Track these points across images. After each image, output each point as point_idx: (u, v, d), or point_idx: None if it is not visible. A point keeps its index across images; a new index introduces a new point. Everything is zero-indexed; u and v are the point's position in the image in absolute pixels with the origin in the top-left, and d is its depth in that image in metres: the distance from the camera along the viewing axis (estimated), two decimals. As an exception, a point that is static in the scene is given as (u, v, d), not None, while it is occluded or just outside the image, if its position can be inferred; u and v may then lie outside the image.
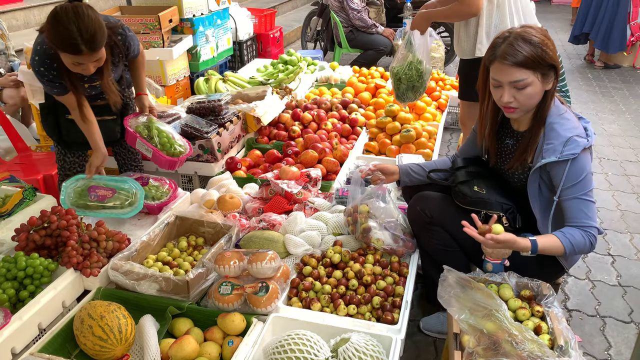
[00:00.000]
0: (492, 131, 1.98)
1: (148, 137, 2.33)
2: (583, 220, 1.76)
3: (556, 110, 1.80)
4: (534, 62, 1.69)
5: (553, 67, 1.73)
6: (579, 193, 1.75)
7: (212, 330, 1.80)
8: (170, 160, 2.35)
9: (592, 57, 6.80)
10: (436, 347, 2.16)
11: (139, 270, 1.93)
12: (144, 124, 2.35)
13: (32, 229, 2.00)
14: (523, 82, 1.71)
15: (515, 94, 1.74)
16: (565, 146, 1.72)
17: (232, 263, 1.91)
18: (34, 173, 2.86)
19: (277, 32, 5.91)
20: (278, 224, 2.33)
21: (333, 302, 1.92)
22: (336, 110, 3.75)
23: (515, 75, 1.71)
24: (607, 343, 2.21)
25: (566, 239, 1.73)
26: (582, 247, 1.74)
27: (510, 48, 1.70)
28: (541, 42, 1.70)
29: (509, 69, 1.70)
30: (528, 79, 1.70)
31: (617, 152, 4.14)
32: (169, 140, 2.35)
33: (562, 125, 1.76)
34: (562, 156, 1.72)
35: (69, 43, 1.97)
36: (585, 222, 1.75)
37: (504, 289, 1.78)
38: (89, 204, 2.29)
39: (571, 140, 1.72)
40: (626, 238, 2.97)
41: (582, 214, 1.76)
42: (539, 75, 1.71)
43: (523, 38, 1.70)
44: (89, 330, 1.68)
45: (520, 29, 1.75)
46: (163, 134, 2.36)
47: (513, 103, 1.76)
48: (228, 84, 4.06)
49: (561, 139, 1.74)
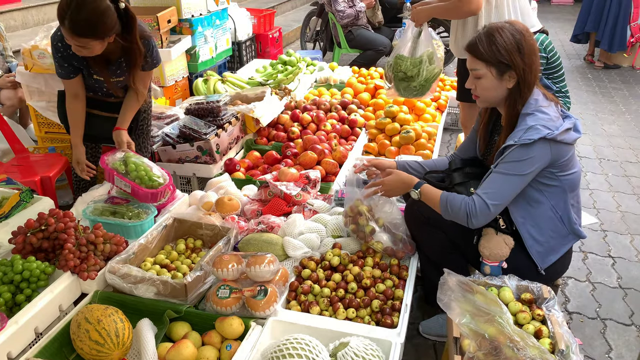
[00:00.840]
0: (485, 125, 2.03)
1: (125, 172, 2.31)
2: (480, 189, 1.79)
3: (535, 104, 1.79)
4: (485, 56, 1.78)
5: (507, 66, 1.76)
6: (504, 169, 1.76)
7: (210, 334, 1.79)
8: (149, 193, 2.29)
9: (591, 57, 6.79)
10: (436, 350, 2.15)
11: (136, 273, 1.92)
12: (121, 160, 2.35)
13: (29, 231, 1.99)
14: (476, 72, 1.83)
15: (475, 83, 1.86)
16: (525, 133, 1.73)
17: (230, 266, 1.89)
18: (31, 175, 2.84)
19: (277, 32, 5.89)
20: (277, 226, 2.32)
21: (332, 306, 1.91)
22: (335, 111, 3.73)
23: (471, 64, 1.85)
24: (607, 346, 2.20)
25: (447, 196, 1.83)
26: (456, 211, 1.80)
27: (474, 39, 1.83)
28: (502, 42, 1.76)
29: (469, 57, 1.86)
30: (480, 70, 1.81)
31: (617, 152, 4.13)
32: (147, 173, 2.33)
33: (533, 116, 1.75)
34: (519, 140, 1.72)
35: (59, 10, 2.10)
36: (480, 191, 1.78)
37: (504, 292, 1.76)
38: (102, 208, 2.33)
39: (533, 128, 1.72)
40: (627, 239, 2.96)
41: (485, 185, 1.79)
42: (492, 70, 1.79)
43: (489, 34, 1.79)
44: (86, 334, 1.67)
45: (498, 25, 1.81)
46: (140, 168, 2.33)
47: (474, 90, 1.88)
48: (227, 85, 4.04)
49: (525, 127, 1.74)
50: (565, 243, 1.89)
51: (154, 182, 2.32)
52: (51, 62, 2.87)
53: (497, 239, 1.88)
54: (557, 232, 1.87)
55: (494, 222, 1.90)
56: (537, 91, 1.81)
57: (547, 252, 1.86)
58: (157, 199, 2.33)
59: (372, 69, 4.70)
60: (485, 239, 1.90)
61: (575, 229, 1.89)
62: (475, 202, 1.77)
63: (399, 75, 2.84)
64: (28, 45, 2.93)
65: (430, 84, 2.87)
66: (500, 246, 1.87)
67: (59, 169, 2.97)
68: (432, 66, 2.81)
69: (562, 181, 1.82)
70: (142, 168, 2.34)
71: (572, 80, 6.05)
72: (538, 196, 1.83)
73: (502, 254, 1.85)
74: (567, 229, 1.88)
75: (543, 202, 1.83)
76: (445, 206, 1.83)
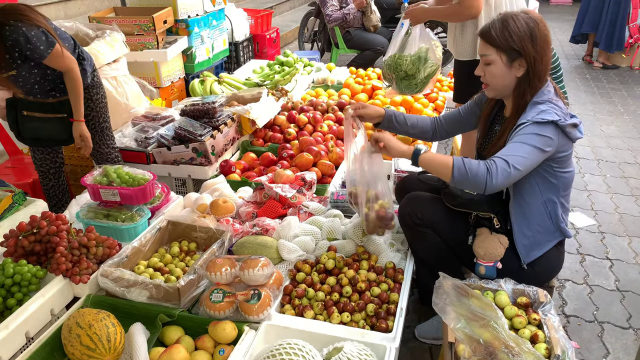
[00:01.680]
0: (486, 116, 2.02)
1: (108, 182, 2.29)
2: (499, 153, 1.69)
3: (547, 95, 1.78)
4: (496, 39, 1.77)
5: (518, 53, 1.75)
6: (523, 139, 1.70)
7: (203, 338, 1.77)
8: (138, 191, 2.26)
9: (590, 58, 6.78)
10: (432, 353, 2.13)
11: (129, 277, 1.90)
12: (100, 174, 2.32)
13: (21, 234, 1.97)
14: (486, 58, 1.82)
15: (484, 70, 1.85)
16: (538, 114, 1.72)
17: (223, 270, 1.87)
18: (25, 176, 2.83)
19: (274, 33, 5.87)
20: (272, 228, 2.30)
21: (326, 310, 1.89)
22: (332, 112, 3.71)
23: (482, 49, 1.84)
24: (605, 349, 2.18)
25: (461, 158, 1.70)
26: (474, 170, 1.66)
27: (488, 25, 1.81)
28: (514, 28, 1.75)
29: (481, 43, 1.85)
30: (490, 55, 1.80)
31: (615, 153, 4.11)
32: (129, 175, 2.31)
33: (546, 104, 1.75)
34: (533, 119, 1.71)
35: None
36: (500, 154, 1.69)
37: (500, 296, 1.75)
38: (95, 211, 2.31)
39: (546, 112, 1.72)
40: (625, 241, 2.95)
41: (504, 151, 1.71)
42: (503, 56, 1.78)
43: (503, 20, 1.78)
44: (77, 339, 1.65)
45: (513, 12, 1.81)
46: (122, 173, 2.31)
47: (483, 78, 1.87)
48: (223, 86, 4.03)
49: (538, 110, 1.73)
50: (550, 240, 1.89)
51: (139, 180, 2.29)
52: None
53: (492, 239, 1.87)
54: (544, 227, 1.87)
55: (489, 221, 1.89)
56: (550, 84, 1.82)
57: (532, 247, 1.87)
58: (147, 197, 2.30)
59: (369, 69, 4.68)
60: (480, 239, 1.89)
61: (562, 227, 1.90)
62: (496, 161, 1.67)
63: (400, 74, 2.84)
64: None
65: (429, 79, 2.88)
66: (495, 246, 1.85)
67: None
68: (430, 62, 2.81)
69: (558, 178, 1.82)
70: (124, 173, 2.32)
71: (571, 80, 6.03)
72: (533, 189, 1.83)
73: (497, 254, 1.84)
74: (554, 226, 1.88)
75: (537, 196, 1.84)
76: (459, 168, 1.68)
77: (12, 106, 2.50)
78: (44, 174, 2.72)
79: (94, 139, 2.64)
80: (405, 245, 2.22)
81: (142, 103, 3.46)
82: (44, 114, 2.51)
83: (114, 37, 3.32)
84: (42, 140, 2.59)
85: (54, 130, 2.54)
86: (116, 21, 3.76)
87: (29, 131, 2.53)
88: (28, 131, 2.53)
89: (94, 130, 2.67)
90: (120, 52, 3.36)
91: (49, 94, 2.49)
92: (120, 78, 3.32)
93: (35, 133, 2.53)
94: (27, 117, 2.50)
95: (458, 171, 1.69)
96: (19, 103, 2.48)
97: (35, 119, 2.51)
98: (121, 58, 3.39)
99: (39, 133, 2.54)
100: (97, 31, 3.38)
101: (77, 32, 3.32)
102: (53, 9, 5.32)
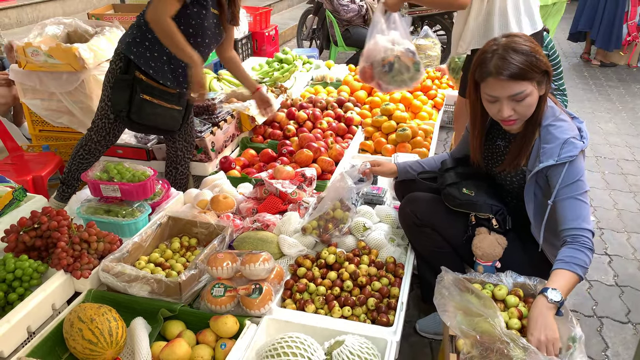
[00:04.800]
0: (480, 133, 1.93)
1: (109, 178, 2.28)
2: (577, 222, 1.67)
3: (551, 112, 1.76)
4: (530, 72, 1.64)
5: (546, 72, 1.68)
6: (574, 193, 1.70)
7: (204, 332, 1.77)
8: (139, 186, 2.25)
9: (588, 56, 6.79)
10: (432, 348, 2.14)
11: (130, 272, 1.90)
12: (101, 170, 2.31)
13: (22, 230, 1.97)
14: (522, 94, 1.66)
15: (514, 107, 1.69)
16: (562, 149, 1.68)
17: (224, 264, 1.88)
18: (25, 173, 2.82)
19: (273, 30, 5.87)
20: (272, 224, 2.31)
21: (327, 304, 1.90)
22: (332, 109, 3.72)
23: (514, 89, 1.65)
24: (604, 344, 2.19)
25: (571, 265, 1.60)
26: (587, 261, 1.62)
27: (504, 62, 1.64)
28: (532, 50, 1.66)
29: (506, 84, 1.65)
30: (526, 90, 1.65)
31: (613, 150, 4.13)
32: (130, 171, 2.30)
33: (558, 128, 1.72)
34: (560, 159, 1.68)
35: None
36: (580, 224, 1.67)
37: (501, 290, 1.75)
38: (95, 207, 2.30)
39: (568, 142, 1.69)
40: (623, 237, 2.96)
41: (575, 215, 1.68)
42: (535, 84, 1.67)
43: (513, 49, 1.64)
44: (79, 333, 1.65)
45: (506, 39, 1.70)
46: (122, 168, 2.30)
47: (513, 116, 1.71)
48: (222, 83, 4.02)
49: (558, 142, 1.70)
50: None
51: (139, 176, 2.29)
52: (44, 60, 2.85)
53: (490, 239, 1.87)
54: None
55: (487, 221, 1.88)
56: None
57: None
58: (148, 192, 2.30)
59: (368, 67, 4.68)
60: (478, 239, 1.88)
61: None
62: (585, 242, 1.64)
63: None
64: (21, 42, 2.90)
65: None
66: (493, 246, 1.85)
67: (52, 167, 2.96)
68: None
69: None
70: (125, 169, 2.31)
71: (569, 78, 6.05)
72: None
73: (495, 254, 1.84)
74: None
75: None
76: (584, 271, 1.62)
77: (127, 86, 2.35)
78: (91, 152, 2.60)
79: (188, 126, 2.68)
80: (406, 240, 2.22)
81: (141, 100, 3.45)
82: (164, 103, 2.43)
83: (113, 32, 3.31)
84: (157, 129, 2.57)
85: (172, 121, 2.51)
86: (116, 18, 3.76)
87: (148, 117, 2.42)
88: (144, 115, 2.41)
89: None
90: (120, 49, 3.35)
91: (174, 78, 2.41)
92: (120, 75, 3.32)
93: (155, 120, 2.45)
94: (148, 102, 2.39)
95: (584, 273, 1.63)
96: (137, 86, 2.35)
97: (156, 106, 2.42)
98: (120, 55, 3.38)
99: (158, 121, 2.47)
100: (97, 27, 3.37)
101: (76, 29, 3.31)
102: (51, 7, 5.32)
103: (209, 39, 2.41)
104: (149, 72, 2.35)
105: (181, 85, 2.46)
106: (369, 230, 2.20)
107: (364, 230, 2.19)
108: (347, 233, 2.22)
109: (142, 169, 2.34)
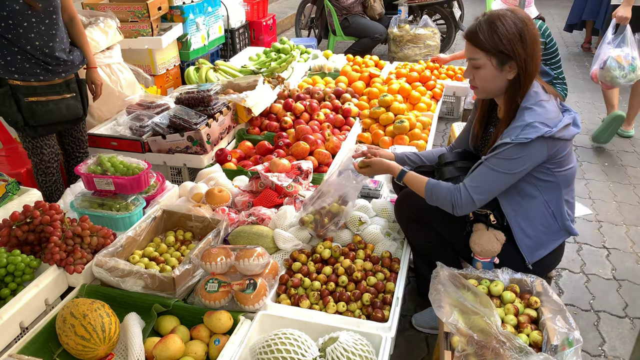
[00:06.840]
0: (481, 118, 1.99)
1: (102, 171, 2.25)
2: (468, 180, 1.77)
3: (535, 97, 1.73)
4: (486, 46, 1.70)
5: (508, 57, 1.69)
6: (493, 164, 1.72)
7: (198, 328, 1.76)
8: (133, 180, 2.23)
9: (589, 45, 6.73)
10: (428, 343, 2.13)
11: (123, 266, 1.89)
12: (94, 164, 2.28)
13: (15, 224, 1.95)
14: (476, 62, 1.75)
15: (473, 73, 1.79)
16: (523, 130, 1.67)
17: (219, 260, 1.86)
18: (19, 165, 2.80)
19: (270, 19, 5.81)
20: (267, 218, 2.29)
21: (322, 299, 1.88)
22: (329, 100, 3.68)
23: (470, 53, 1.77)
24: (601, 338, 2.19)
25: (432, 185, 1.84)
26: (442, 200, 1.80)
27: (474, 28, 1.74)
28: (503, 31, 1.68)
29: (468, 46, 1.77)
30: (480, 60, 1.73)
31: (613, 141, 4.09)
32: (124, 164, 2.28)
33: (532, 112, 1.70)
34: (516, 139, 1.67)
35: None
36: (468, 182, 1.76)
37: (497, 286, 1.74)
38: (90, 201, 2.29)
39: (531, 126, 1.66)
40: (622, 230, 2.94)
41: (473, 177, 1.77)
42: (493, 60, 1.71)
43: (490, 21, 1.70)
44: (72, 329, 1.64)
45: (500, 12, 1.73)
46: (116, 162, 2.28)
47: (472, 81, 1.81)
48: (219, 73, 3.99)
49: (523, 124, 1.68)
50: (555, 239, 1.86)
51: (133, 169, 2.27)
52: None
53: (488, 235, 1.85)
54: (548, 228, 1.83)
55: (485, 217, 1.87)
56: (536, 83, 1.75)
57: (536, 247, 1.83)
58: (142, 186, 2.28)
59: (367, 56, 4.64)
60: (477, 235, 1.87)
61: (567, 225, 1.85)
62: (462, 194, 1.76)
63: None
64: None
65: None
66: (491, 242, 1.84)
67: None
68: None
69: (557, 177, 1.78)
70: (118, 162, 2.29)
71: (569, 68, 5.99)
72: (531, 190, 1.79)
73: (494, 250, 1.82)
74: (559, 225, 1.84)
75: (536, 196, 1.80)
76: (430, 194, 1.84)
77: (6, 96, 2.31)
78: (45, 173, 2.59)
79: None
80: (402, 234, 2.21)
81: (136, 91, 3.42)
82: (52, 97, 2.40)
83: (107, 23, 3.28)
84: (60, 123, 2.52)
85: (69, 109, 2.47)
86: (110, 7, 3.71)
87: (44, 116, 2.39)
88: (42, 117, 2.38)
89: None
90: (114, 39, 3.32)
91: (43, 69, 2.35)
92: (114, 66, 3.28)
93: (52, 117, 2.42)
94: (36, 103, 2.35)
95: (428, 195, 1.85)
96: (19, 90, 2.32)
97: (46, 103, 2.39)
98: (115, 45, 3.34)
99: (56, 116, 2.43)
100: (90, 18, 3.33)
101: (70, 19, 3.26)
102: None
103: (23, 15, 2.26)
104: (14, 77, 2.30)
105: (56, 72, 2.39)
106: (365, 224, 2.19)
107: (359, 225, 2.18)
108: (342, 227, 2.20)
109: (136, 162, 2.32)
